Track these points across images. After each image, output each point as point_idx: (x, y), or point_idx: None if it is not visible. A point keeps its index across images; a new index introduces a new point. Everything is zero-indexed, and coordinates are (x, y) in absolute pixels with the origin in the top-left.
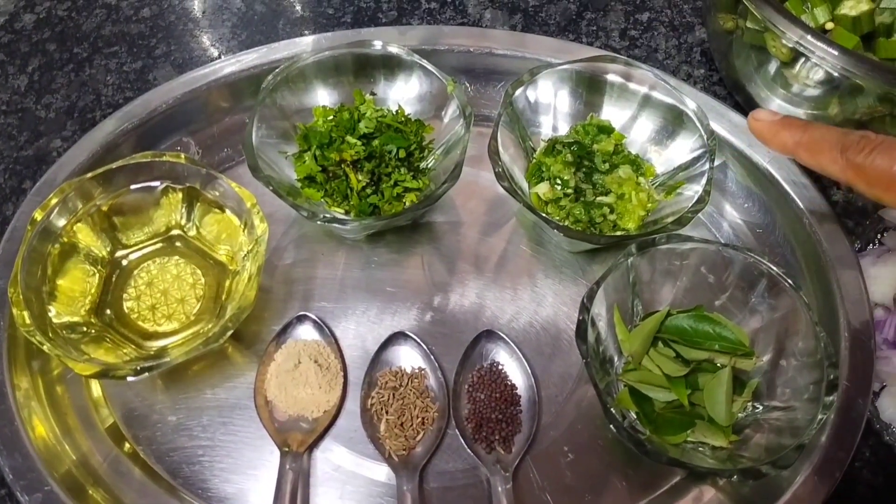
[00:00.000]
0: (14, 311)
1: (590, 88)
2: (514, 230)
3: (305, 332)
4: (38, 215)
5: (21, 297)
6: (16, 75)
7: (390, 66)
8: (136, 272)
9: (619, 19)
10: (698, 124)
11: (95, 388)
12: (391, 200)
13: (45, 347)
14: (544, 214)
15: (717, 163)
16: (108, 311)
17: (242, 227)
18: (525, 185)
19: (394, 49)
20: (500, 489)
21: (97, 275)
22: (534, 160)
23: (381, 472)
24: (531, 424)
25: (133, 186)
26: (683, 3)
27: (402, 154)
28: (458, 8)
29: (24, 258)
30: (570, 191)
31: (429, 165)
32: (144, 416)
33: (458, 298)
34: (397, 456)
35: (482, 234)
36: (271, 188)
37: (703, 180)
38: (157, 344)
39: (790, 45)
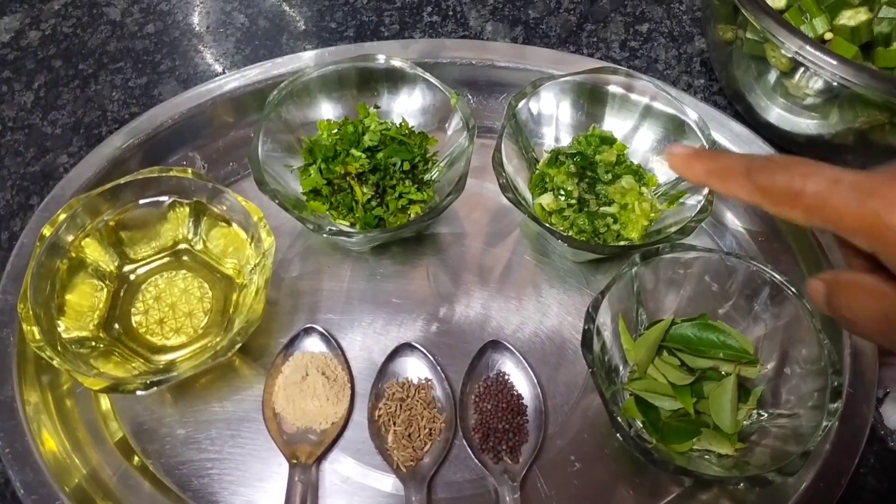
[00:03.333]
0: (24, 326)
1: (591, 100)
2: (518, 241)
3: (312, 344)
4: (47, 231)
5: (31, 312)
6: (22, 92)
7: (393, 79)
8: (143, 286)
9: (619, 30)
10: (699, 134)
11: (104, 402)
12: (396, 212)
13: (54, 362)
14: (548, 225)
15: None
16: (117, 326)
17: (249, 240)
18: (529, 195)
19: (397, 62)
20: (507, 499)
21: (105, 289)
22: (537, 171)
23: (389, 484)
24: (538, 434)
25: (140, 201)
26: (683, 14)
27: (406, 166)
28: (460, 21)
29: (34, 274)
30: (573, 201)
31: (433, 177)
32: (153, 430)
33: (464, 309)
34: (405, 467)
35: (486, 244)
36: (277, 201)
37: (706, 189)
38: (165, 358)
39: (789, 56)
